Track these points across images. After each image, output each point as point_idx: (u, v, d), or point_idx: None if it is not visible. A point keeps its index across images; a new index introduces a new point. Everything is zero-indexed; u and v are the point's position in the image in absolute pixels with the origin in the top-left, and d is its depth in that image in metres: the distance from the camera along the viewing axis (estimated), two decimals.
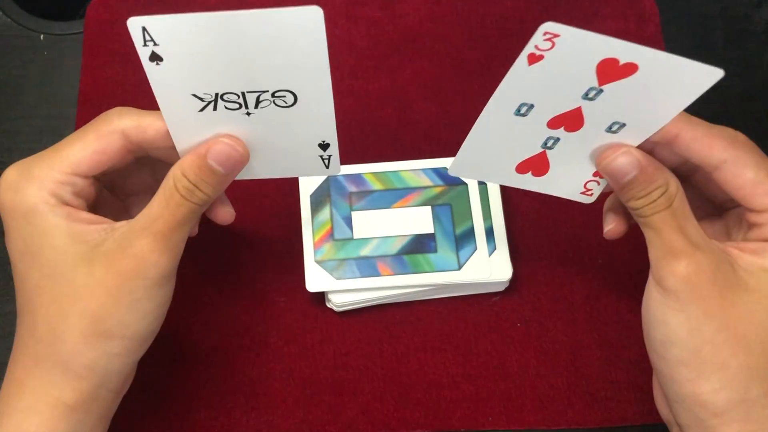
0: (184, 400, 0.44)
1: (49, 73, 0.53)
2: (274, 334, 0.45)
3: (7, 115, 0.52)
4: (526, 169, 0.38)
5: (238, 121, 0.35)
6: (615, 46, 0.31)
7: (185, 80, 0.33)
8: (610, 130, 0.35)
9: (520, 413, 0.44)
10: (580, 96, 0.34)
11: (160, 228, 0.34)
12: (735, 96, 0.52)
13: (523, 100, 0.34)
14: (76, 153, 0.35)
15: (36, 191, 0.34)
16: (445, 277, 0.44)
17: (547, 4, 0.54)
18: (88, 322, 0.33)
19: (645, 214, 0.34)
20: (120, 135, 0.35)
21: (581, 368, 0.44)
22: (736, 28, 0.54)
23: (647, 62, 0.32)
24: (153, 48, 0.32)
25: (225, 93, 0.34)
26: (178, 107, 0.34)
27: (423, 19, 0.54)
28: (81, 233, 0.34)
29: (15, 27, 0.55)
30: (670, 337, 0.33)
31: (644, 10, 0.54)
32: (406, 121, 0.51)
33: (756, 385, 0.32)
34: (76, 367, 0.33)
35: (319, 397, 0.44)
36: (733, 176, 0.34)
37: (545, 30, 0.31)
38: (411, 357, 0.45)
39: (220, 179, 0.35)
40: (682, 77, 0.32)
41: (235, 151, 0.35)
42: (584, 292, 0.46)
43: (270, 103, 0.34)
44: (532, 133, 0.36)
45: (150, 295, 0.34)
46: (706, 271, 0.33)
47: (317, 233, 0.45)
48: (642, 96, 0.33)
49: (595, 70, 0.32)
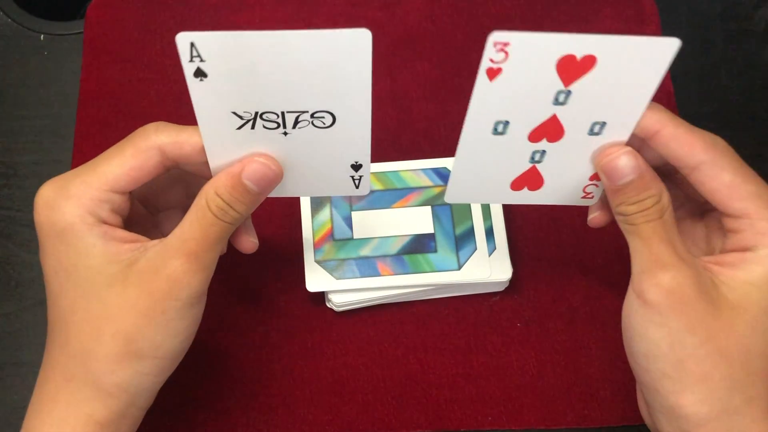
0: (184, 400, 0.44)
1: (49, 73, 0.53)
2: (274, 334, 0.45)
3: (7, 115, 0.52)
4: (521, 186, 0.38)
5: (274, 140, 0.35)
6: (567, 41, 0.31)
7: (227, 98, 0.33)
8: (593, 132, 0.34)
9: (520, 413, 0.44)
10: (550, 102, 0.33)
11: (193, 248, 0.34)
12: (735, 96, 0.52)
13: (497, 118, 0.34)
14: (114, 169, 0.34)
15: (74, 209, 0.34)
16: (445, 277, 0.44)
17: (547, 4, 0.54)
18: (120, 343, 0.33)
19: (636, 221, 0.34)
20: (157, 151, 0.35)
21: (581, 368, 0.44)
22: (736, 28, 0.54)
23: (603, 50, 0.31)
24: (199, 64, 0.31)
25: (265, 112, 0.33)
26: (216, 124, 0.34)
27: (423, 19, 0.54)
28: (115, 253, 0.34)
29: (15, 27, 0.55)
30: (652, 351, 0.34)
31: (644, 10, 0.54)
32: (406, 121, 0.51)
33: (737, 394, 0.33)
34: (107, 386, 0.34)
35: (319, 397, 0.44)
36: (710, 178, 0.34)
37: (494, 40, 0.31)
38: (411, 357, 0.45)
39: (253, 198, 0.35)
40: (641, 57, 0.32)
41: (270, 170, 0.35)
42: (584, 292, 0.46)
43: (308, 124, 0.34)
44: (516, 150, 0.35)
45: (182, 315, 0.34)
46: (690, 285, 0.33)
47: (317, 233, 0.45)
48: (610, 87, 0.32)
49: (556, 72, 0.32)
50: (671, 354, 0.33)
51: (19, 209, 0.49)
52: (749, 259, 0.34)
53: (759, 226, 0.34)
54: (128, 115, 0.51)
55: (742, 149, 0.35)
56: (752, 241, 0.34)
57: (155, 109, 0.51)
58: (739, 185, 0.34)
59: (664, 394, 0.34)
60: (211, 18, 0.54)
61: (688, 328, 0.33)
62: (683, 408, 0.33)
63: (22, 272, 0.47)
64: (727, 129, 0.50)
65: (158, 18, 0.54)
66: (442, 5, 0.54)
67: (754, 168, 0.35)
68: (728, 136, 0.36)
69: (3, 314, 0.46)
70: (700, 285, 0.33)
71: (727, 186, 0.34)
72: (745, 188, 0.34)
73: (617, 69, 0.32)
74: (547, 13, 0.53)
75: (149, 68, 0.52)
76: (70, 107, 0.51)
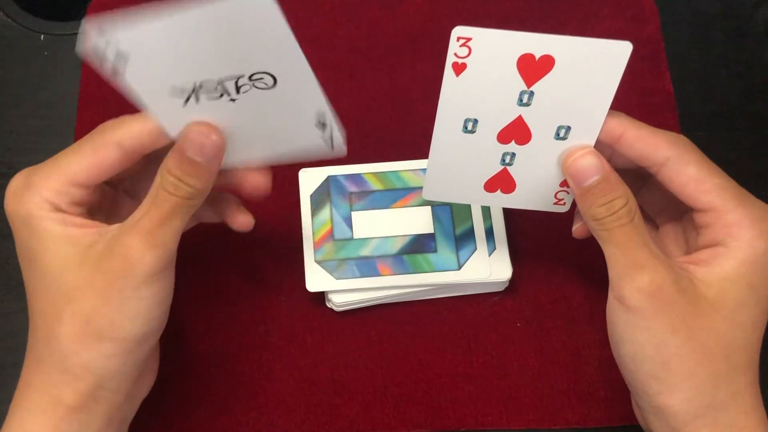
0: (184, 400, 0.44)
1: (49, 73, 0.53)
2: (274, 334, 0.45)
3: (7, 115, 0.52)
4: (494, 188, 0.38)
5: (225, 109, 0.35)
6: (525, 39, 0.32)
7: (160, 78, 0.33)
8: (558, 136, 0.35)
9: (520, 413, 0.44)
10: (515, 102, 0.34)
11: (145, 225, 0.34)
12: (735, 96, 0.52)
13: (465, 115, 0.35)
14: (72, 166, 0.35)
15: (32, 198, 0.35)
16: (445, 277, 0.44)
17: (547, 4, 0.54)
18: (79, 323, 0.33)
19: (608, 226, 0.34)
20: (116, 146, 0.35)
21: (581, 368, 0.44)
22: (736, 28, 0.54)
23: (560, 51, 0.32)
24: (117, 47, 0.32)
25: (202, 82, 0.33)
26: (162, 104, 0.34)
27: (423, 19, 0.54)
28: (73, 236, 0.34)
29: (15, 27, 0.55)
30: (638, 354, 0.34)
31: (644, 10, 0.54)
32: (406, 121, 0.51)
33: (722, 389, 0.33)
34: (72, 367, 0.34)
35: (319, 397, 0.44)
36: (676, 174, 0.35)
37: (457, 35, 0.31)
38: (411, 357, 0.45)
39: (201, 169, 0.35)
40: (597, 59, 0.32)
41: (207, 138, 0.35)
42: (584, 292, 0.46)
43: (250, 87, 0.34)
44: (486, 150, 0.36)
45: (139, 294, 0.34)
46: (669, 286, 0.33)
47: (317, 233, 0.45)
48: (571, 89, 0.33)
49: (517, 71, 0.33)
50: (657, 355, 0.33)
51: None
52: (721, 254, 0.34)
53: (726, 219, 0.34)
54: None
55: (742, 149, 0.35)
56: (721, 234, 0.34)
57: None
58: (704, 178, 0.34)
59: (652, 395, 0.34)
60: None
61: (670, 328, 0.33)
62: (671, 407, 0.34)
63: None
64: (727, 129, 0.51)
65: None
66: (442, 5, 0.54)
67: (754, 168, 0.35)
68: (728, 136, 0.36)
69: (3, 314, 0.46)
70: (678, 285, 0.33)
71: (694, 180, 0.34)
72: (710, 181, 0.34)
73: (575, 71, 0.33)
74: (546, 13, 0.53)
75: None
76: (70, 107, 0.51)
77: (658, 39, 0.53)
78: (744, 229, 0.34)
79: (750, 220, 0.34)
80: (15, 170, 0.49)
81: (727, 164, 0.35)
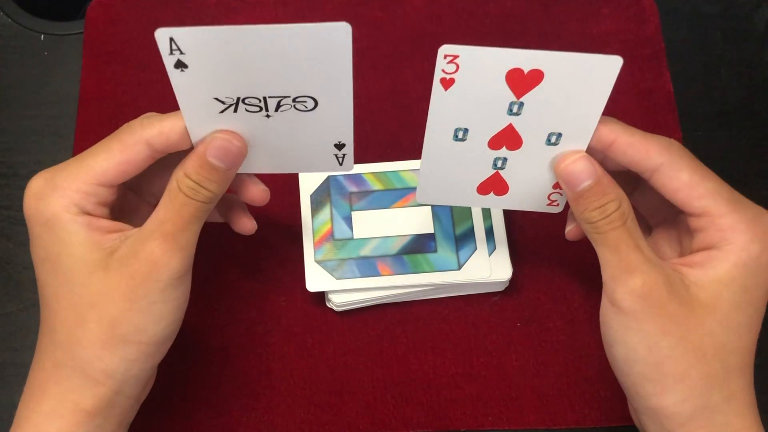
0: (184, 399, 0.44)
1: (49, 73, 0.53)
2: (274, 334, 0.45)
3: (7, 115, 0.52)
4: (487, 190, 0.39)
5: (257, 123, 0.35)
6: (513, 55, 0.32)
7: (208, 86, 0.33)
8: (550, 142, 0.35)
9: (520, 413, 0.44)
10: (505, 112, 0.34)
11: (169, 229, 0.34)
12: (735, 96, 0.52)
13: (456, 125, 0.35)
14: (101, 164, 0.35)
15: (59, 200, 0.34)
16: (444, 277, 0.44)
17: (547, 4, 0.54)
18: (105, 328, 0.34)
19: (602, 229, 0.35)
20: (145, 145, 0.35)
21: (581, 368, 0.44)
22: (736, 28, 0.54)
23: (548, 65, 0.32)
24: (179, 56, 0.32)
25: (247, 98, 0.34)
26: (199, 110, 0.34)
27: (423, 20, 0.54)
28: (98, 242, 0.34)
29: (15, 27, 0.55)
30: (631, 356, 0.34)
31: (644, 10, 0.54)
32: (406, 121, 0.51)
33: (716, 391, 0.33)
34: (94, 372, 0.34)
35: (319, 397, 0.44)
36: (669, 179, 0.35)
37: (444, 53, 0.32)
38: (411, 357, 0.45)
39: (221, 175, 0.35)
40: (587, 72, 0.33)
41: (232, 144, 0.35)
42: (584, 292, 0.46)
43: (290, 108, 0.35)
44: (478, 156, 0.36)
45: (164, 297, 0.34)
46: (661, 288, 0.33)
47: (317, 233, 0.45)
48: (561, 100, 0.33)
49: (506, 84, 0.33)
50: (649, 357, 0.33)
51: (19, 209, 0.49)
52: (714, 257, 0.34)
53: (720, 223, 0.34)
54: (128, 115, 0.50)
55: (742, 149, 0.35)
56: (715, 238, 0.34)
57: (155, 109, 0.51)
58: (697, 183, 0.34)
59: (645, 397, 0.34)
60: (210, 18, 0.54)
61: (662, 330, 0.33)
62: (665, 409, 0.34)
63: (22, 272, 0.47)
64: (727, 129, 0.51)
65: (158, 18, 0.54)
66: (442, 5, 0.54)
67: (754, 168, 0.35)
68: (728, 136, 0.36)
69: (3, 314, 0.46)
70: (670, 287, 0.33)
71: (687, 185, 0.34)
72: (703, 186, 0.34)
73: (565, 84, 0.33)
74: (546, 13, 0.53)
75: (149, 68, 0.52)
76: (70, 107, 0.51)
77: (658, 39, 0.53)
78: (737, 233, 0.34)
79: (743, 224, 0.34)
80: (15, 170, 0.49)
81: (727, 164, 0.35)
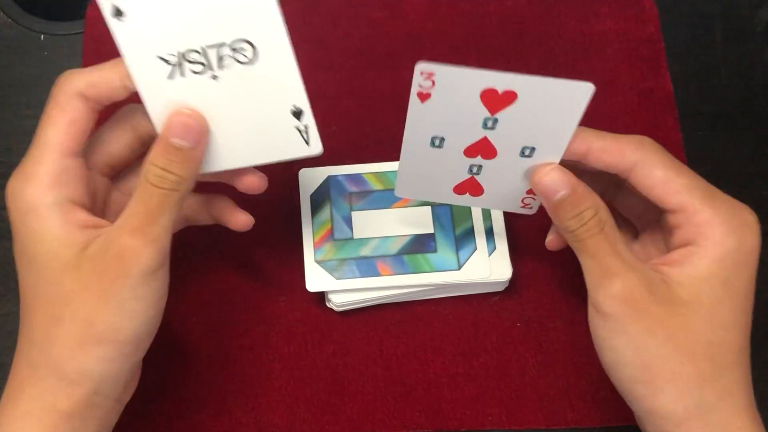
0: (184, 400, 0.44)
1: (49, 73, 0.53)
2: (274, 334, 0.45)
3: (8, 115, 0.52)
4: (463, 191, 0.39)
5: (206, 89, 0.35)
6: (488, 77, 0.32)
7: (150, 40, 0.33)
8: (523, 155, 0.36)
9: (520, 413, 0.44)
10: (480, 126, 0.35)
11: (137, 223, 0.33)
12: (735, 96, 0.52)
13: (432, 133, 0.35)
14: (51, 134, 0.34)
15: (33, 190, 0.34)
16: (444, 277, 0.44)
17: (547, 4, 0.54)
18: (80, 327, 0.33)
19: (580, 237, 0.35)
20: (79, 98, 0.34)
21: (581, 368, 0.44)
22: (736, 28, 0.54)
23: (521, 88, 0.33)
24: (114, 1, 0.32)
25: (187, 51, 0.34)
26: (148, 73, 0.34)
27: (423, 20, 0.54)
28: (71, 238, 0.34)
29: (15, 27, 0.55)
30: (619, 359, 0.34)
31: (644, 10, 0.54)
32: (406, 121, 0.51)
33: (709, 389, 0.33)
34: (70, 373, 0.33)
35: (319, 397, 0.44)
36: (644, 177, 0.35)
37: (420, 70, 0.32)
38: (411, 357, 0.45)
39: (186, 155, 0.34)
40: (559, 96, 0.33)
41: (191, 119, 0.34)
42: (584, 292, 0.46)
43: (232, 61, 0.34)
44: (453, 162, 0.37)
45: (136, 294, 0.33)
46: (641, 290, 0.33)
47: (317, 233, 0.45)
48: (534, 119, 0.34)
49: (481, 101, 0.33)
50: (637, 359, 0.34)
51: None
52: (693, 253, 0.34)
53: (696, 219, 0.34)
54: None
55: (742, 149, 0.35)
56: (692, 234, 0.34)
57: None
58: (672, 179, 0.35)
59: (639, 399, 0.34)
60: None
61: (647, 331, 0.33)
62: (659, 409, 0.34)
63: None
64: (727, 129, 0.51)
65: None
66: (442, 5, 0.54)
67: (754, 168, 0.35)
68: (728, 136, 0.36)
69: (3, 314, 0.46)
70: (651, 288, 0.34)
71: (661, 181, 0.35)
72: (678, 182, 0.35)
73: (538, 104, 0.33)
74: (546, 13, 0.53)
75: None
76: None
77: (658, 39, 0.53)
78: (714, 227, 0.34)
79: (719, 218, 0.34)
80: None
81: (727, 164, 0.35)
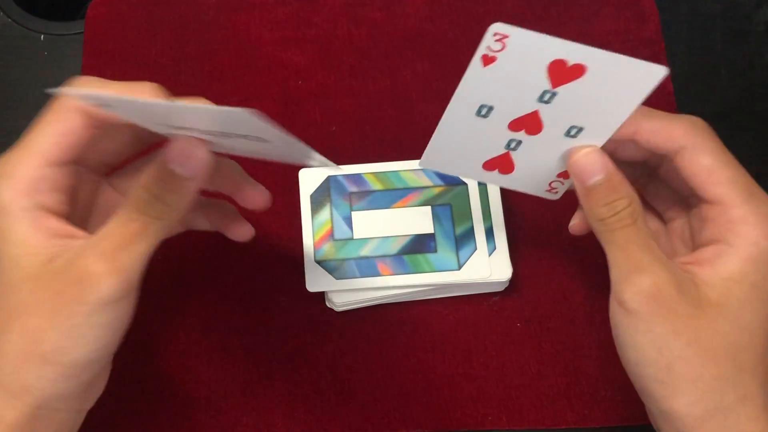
0: (184, 400, 0.44)
1: (49, 73, 0.53)
2: (274, 334, 0.45)
3: (7, 114, 0.52)
4: (493, 167, 0.39)
5: (218, 138, 0.32)
6: (562, 46, 0.31)
7: (149, 119, 0.31)
8: (569, 134, 0.35)
9: (520, 413, 0.44)
10: (535, 99, 0.34)
11: (107, 248, 0.31)
12: (735, 96, 0.52)
13: (483, 101, 0.34)
14: (41, 141, 0.32)
15: (7, 191, 0.32)
16: (444, 277, 0.44)
17: (547, 4, 0.54)
18: (26, 342, 0.31)
19: (611, 227, 0.34)
20: (78, 111, 0.32)
21: (581, 368, 0.44)
22: (736, 28, 0.54)
23: (594, 62, 0.32)
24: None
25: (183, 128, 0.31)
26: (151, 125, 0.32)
27: (423, 20, 0.54)
28: (38, 246, 0.31)
29: (15, 27, 0.55)
30: (642, 358, 0.34)
31: (644, 10, 0.54)
32: (406, 121, 0.51)
33: (729, 393, 0.33)
34: (11, 385, 0.31)
35: (319, 397, 0.44)
36: (689, 162, 0.34)
37: (495, 31, 0.31)
38: (411, 357, 0.45)
39: (182, 186, 0.32)
40: (629, 76, 0.32)
41: (195, 149, 0.32)
42: (584, 292, 0.46)
43: (245, 139, 0.32)
44: (494, 135, 0.36)
45: (90, 321, 0.30)
46: (670, 288, 0.33)
47: (317, 233, 0.45)
48: (594, 97, 0.33)
49: (546, 72, 0.32)
50: (660, 359, 0.33)
51: None
52: (724, 252, 0.33)
53: (730, 214, 0.33)
54: None
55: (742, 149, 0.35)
56: (724, 229, 0.33)
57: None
58: (717, 170, 0.34)
59: (658, 399, 0.34)
60: (211, 18, 0.54)
61: (672, 331, 0.33)
62: (677, 411, 0.33)
63: None
64: (727, 129, 0.50)
65: (158, 18, 0.54)
66: (442, 5, 0.54)
67: (755, 168, 0.35)
68: (728, 136, 0.36)
69: None
70: (679, 287, 0.33)
71: (706, 170, 0.34)
72: (722, 173, 0.34)
73: (604, 82, 0.33)
74: (546, 12, 0.53)
75: (149, 68, 0.52)
76: None
77: (658, 39, 0.53)
78: (748, 226, 0.33)
79: (755, 217, 0.33)
80: None
81: None
